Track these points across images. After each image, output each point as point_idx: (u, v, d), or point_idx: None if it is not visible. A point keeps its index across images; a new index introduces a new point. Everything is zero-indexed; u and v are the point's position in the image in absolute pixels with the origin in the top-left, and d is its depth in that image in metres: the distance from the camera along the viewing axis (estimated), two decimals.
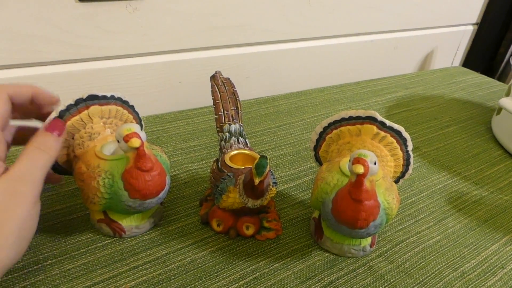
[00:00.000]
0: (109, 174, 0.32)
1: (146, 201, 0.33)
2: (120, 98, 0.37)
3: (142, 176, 0.31)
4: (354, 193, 0.30)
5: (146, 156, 0.31)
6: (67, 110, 0.33)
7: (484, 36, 0.97)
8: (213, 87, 0.41)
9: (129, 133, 0.30)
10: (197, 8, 0.57)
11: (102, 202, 0.33)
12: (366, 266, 0.37)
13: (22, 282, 0.32)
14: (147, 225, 0.38)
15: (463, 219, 0.44)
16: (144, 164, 0.31)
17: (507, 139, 0.58)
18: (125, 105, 0.37)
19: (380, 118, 0.36)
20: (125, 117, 0.37)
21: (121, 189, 0.32)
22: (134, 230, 0.37)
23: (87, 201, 0.34)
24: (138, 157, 0.31)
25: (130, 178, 0.31)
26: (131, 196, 0.32)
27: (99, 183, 0.32)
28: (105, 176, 0.32)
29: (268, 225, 0.39)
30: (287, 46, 0.69)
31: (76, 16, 0.49)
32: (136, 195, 0.32)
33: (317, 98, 0.68)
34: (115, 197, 0.32)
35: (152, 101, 0.61)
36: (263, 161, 0.31)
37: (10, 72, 0.49)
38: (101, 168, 0.32)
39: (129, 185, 0.32)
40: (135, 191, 0.32)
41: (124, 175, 0.32)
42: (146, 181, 0.32)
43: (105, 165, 0.32)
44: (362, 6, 0.73)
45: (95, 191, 0.32)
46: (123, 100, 0.37)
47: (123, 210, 0.34)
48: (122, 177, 0.32)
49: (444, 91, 0.77)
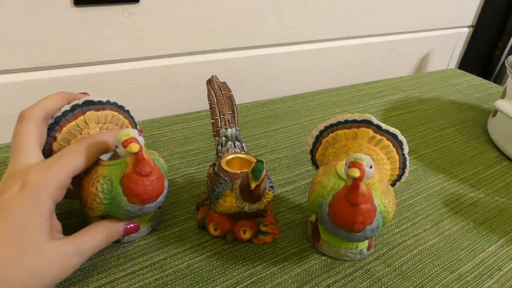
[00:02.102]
0: (107, 180, 0.32)
1: (145, 205, 0.33)
2: (115, 103, 0.37)
3: (141, 180, 0.31)
4: (351, 197, 0.31)
5: (145, 160, 0.31)
6: (63, 116, 0.33)
7: (480, 38, 0.98)
8: (209, 91, 0.41)
9: (128, 138, 0.30)
10: (193, 12, 0.57)
11: (101, 207, 0.33)
12: (363, 270, 0.37)
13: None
14: (145, 230, 0.38)
15: (460, 221, 0.44)
16: (143, 169, 0.31)
17: (503, 141, 0.58)
18: (120, 110, 0.37)
19: (376, 121, 0.37)
20: (121, 122, 0.37)
21: (120, 194, 0.32)
22: (133, 235, 0.37)
23: (85, 207, 0.33)
24: (137, 161, 0.31)
25: (129, 183, 0.31)
26: (130, 201, 0.32)
27: (97, 189, 0.32)
28: (103, 181, 0.32)
29: (265, 229, 0.39)
30: (283, 49, 0.69)
31: (71, 20, 0.49)
32: (135, 199, 0.32)
33: (313, 101, 0.68)
34: (114, 202, 0.32)
35: (148, 105, 0.61)
36: (259, 165, 0.31)
37: (5, 77, 0.49)
38: (99, 174, 0.32)
39: (128, 190, 0.31)
40: (134, 196, 0.32)
41: (123, 180, 0.31)
42: (145, 186, 0.32)
43: (103, 170, 0.32)
44: (358, 9, 0.73)
45: (93, 196, 0.32)
46: (119, 105, 0.37)
47: (122, 215, 0.33)
48: (121, 182, 0.32)
49: (440, 94, 0.77)
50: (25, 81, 0.50)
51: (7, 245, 0.26)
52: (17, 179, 0.28)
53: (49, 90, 0.51)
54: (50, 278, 0.28)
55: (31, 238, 0.27)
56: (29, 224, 0.27)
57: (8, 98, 0.50)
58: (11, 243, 0.26)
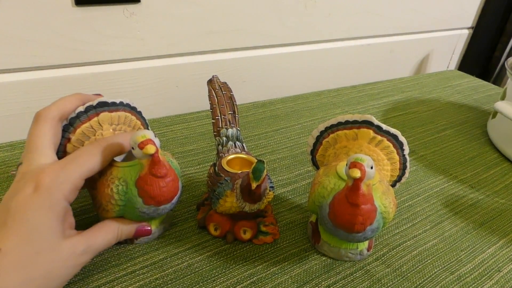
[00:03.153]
0: (122, 181, 0.32)
1: (160, 207, 0.33)
2: (128, 104, 0.37)
3: (157, 182, 0.31)
4: (351, 197, 0.31)
5: (160, 162, 0.31)
6: (77, 117, 0.33)
7: (480, 40, 0.98)
8: (210, 91, 0.41)
9: (144, 140, 0.30)
10: (194, 13, 0.57)
11: (116, 209, 0.33)
12: (363, 270, 0.37)
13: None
14: (157, 232, 0.38)
15: (460, 222, 0.44)
16: (159, 171, 0.31)
17: (502, 143, 0.58)
18: (133, 111, 0.37)
19: (377, 122, 0.37)
20: (134, 123, 0.37)
21: (135, 196, 0.32)
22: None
23: (100, 208, 0.33)
24: (152, 163, 0.31)
25: (145, 185, 0.31)
26: (146, 202, 0.32)
27: (112, 190, 0.32)
28: (118, 183, 0.32)
29: (265, 229, 0.39)
30: (283, 50, 0.70)
31: (73, 20, 0.49)
32: (150, 201, 0.32)
33: (314, 102, 0.68)
34: (129, 204, 0.32)
35: (149, 105, 0.61)
36: (260, 166, 0.31)
37: (7, 76, 0.49)
38: (114, 175, 0.32)
39: (144, 192, 0.31)
40: (150, 197, 0.32)
41: (139, 182, 0.31)
42: (161, 188, 0.32)
43: (118, 172, 0.32)
44: (358, 10, 0.73)
45: (108, 198, 0.32)
46: (132, 106, 0.37)
47: (136, 216, 0.34)
48: (136, 184, 0.32)
49: (440, 95, 0.77)
50: (26, 80, 0.50)
51: (24, 248, 0.26)
52: (30, 179, 0.28)
53: (49, 89, 0.52)
54: (64, 276, 0.28)
55: (46, 239, 0.27)
56: (45, 226, 0.27)
57: (10, 97, 0.50)
58: (28, 245, 0.26)
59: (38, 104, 0.52)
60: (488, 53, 1.04)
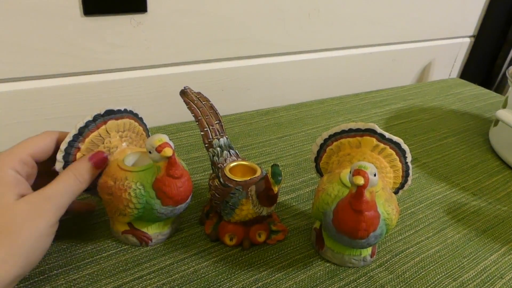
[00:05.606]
0: (139, 185, 0.33)
1: (176, 207, 0.34)
2: (131, 111, 0.38)
3: (174, 183, 0.33)
4: (355, 204, 0.31)
5: (177, 164, 0.33)
6: (86, 127, 0.34)
7: (481, 48, 0.99)
8: (188, 103, 0.40)
9: (162, 143, 0.31)
10: (199, 22, 0.58)
11: (134, 212, 0.34)
12: (367, 276, 0.37)
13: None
14: (169, 231, 0.39)
15: (462, 229, 0.45)
16: (176, 172, 0.33)
17: (504, 150, 0.59)
18: (135, 118, 0.38)
19: (380, 130, 0.37)
20: (137, 130, 0.38)
21: (153, 198, 0.33)
22: (160, 237, 0.38)
23: (116, 213, 0.34)
24: (170, 165, 0.32)
25: (163, 186, 0.33)
26: (164, 203, 0.33)
27: (130, 195, 0.33)
28: (135, 187, 0.33)
29: (275, 228, 0.40)
30: (287, 58, 0.70)
31: (81, 29, 0.50)
32: (169, 202, 0.33)
33: (317, 109, 0.69)
34: (147, 206, 0.34)
35: (155, 112, 0.62)
36: (278, 170, 0.32)
37: (16, 85, 0.50)
38: (130, 180, 0.33)
39: (162, 193, 0.33)
40: (168, 198, 0.33)
41: (156, 184, 0.33)
42: (178, 188, 0.33)
43: (133, 176, 0.33)
44: (361, 19, 0.74)
45: (126, 202, 0.33)
46: (134, 112, 0.38)
47: (153, 218, 0.35)
48: (153, 186, 0.33)
49: (442, 103, 0.78)
50: (35, 88, 0.51)
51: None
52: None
53: (57, 98, 0.53)
54: (36, 230, 0.29)
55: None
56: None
57: (19, 105, 0.51)
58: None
59: (47, 111, 0.53)
60: (490, 61, 1.04)
